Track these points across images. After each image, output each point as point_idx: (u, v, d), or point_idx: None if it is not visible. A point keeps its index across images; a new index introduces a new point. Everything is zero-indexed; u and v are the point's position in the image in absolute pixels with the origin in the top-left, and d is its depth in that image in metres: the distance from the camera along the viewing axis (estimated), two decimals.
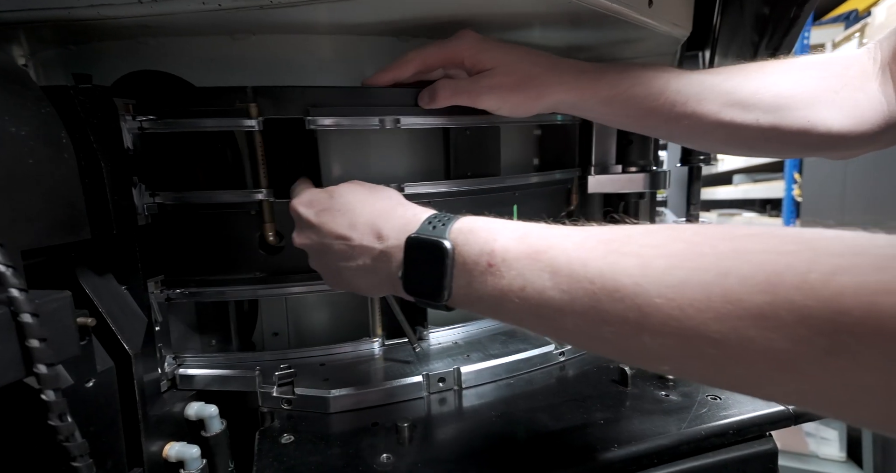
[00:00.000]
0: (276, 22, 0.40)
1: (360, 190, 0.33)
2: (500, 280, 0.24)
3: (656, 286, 0.19)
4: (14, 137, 0.25)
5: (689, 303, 0.18)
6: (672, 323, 0.19)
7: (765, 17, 0.52)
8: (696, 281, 0.19)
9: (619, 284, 0.20)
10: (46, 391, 0.23)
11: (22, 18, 0.36)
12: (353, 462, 0.31)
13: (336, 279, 0.33)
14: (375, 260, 0.30)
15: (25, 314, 0.22)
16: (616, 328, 0.21)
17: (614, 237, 0.22)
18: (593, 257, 0.22)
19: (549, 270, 0.23)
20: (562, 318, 0.22)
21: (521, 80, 0.38)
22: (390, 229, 0.29)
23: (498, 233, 0.26)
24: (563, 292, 0.22)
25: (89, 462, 0.26)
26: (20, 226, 0.25)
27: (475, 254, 0.25)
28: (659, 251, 0.20)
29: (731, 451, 0.32)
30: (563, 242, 0.23)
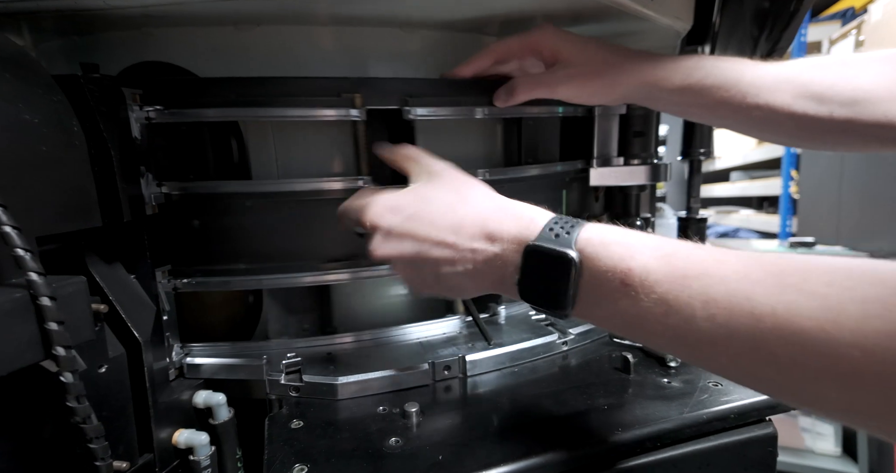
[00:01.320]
0: (280, 13, 0.40)
1: (452, 187, 0.31)
2: (638, 303, 0.23)
3: (851, 336, 0.17)
4: (28, 124, 0.25)
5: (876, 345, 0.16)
6: (870, 378, 0.17)
7: (764, 12, 0.52)
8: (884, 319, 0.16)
9: (796, 327, 0.18)
10: (64, 374, 0.24)
11: (30, 8, 0.36)
12: (362, 446, 0.31)
13: (431, 285, 0.31)
14: (486, 264, 0.28)
15: (44, 297, 0.23)
16: (787, 372, 0.19)
17: (788, 270, 0.20)
18: (762, 292, 0.19)
19: (701, 299, 0.21)
20: (713, 351, 0.21)
21: (598, 69, 0.39)
22: (505, 232, 0.27)
23: (636, 249, 0.24)
24: (717, 325, 0.20)
25: (104, 444, 0.26)
26: (35, 212, 0.25)
27: (607, 270, 0.24)
28: (853, 295, 0.18)
29: (732, 435, 0.33)
30: (719, 269, 0.21)
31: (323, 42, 0.45)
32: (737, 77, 0.37)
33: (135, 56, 0.42)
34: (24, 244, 0.23)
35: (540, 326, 0.47)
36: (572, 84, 0.39)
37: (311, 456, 0.30)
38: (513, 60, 0.42)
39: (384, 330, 0.45)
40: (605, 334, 0.47)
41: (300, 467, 0.29)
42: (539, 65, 0.42)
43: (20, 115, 0.25)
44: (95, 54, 0.45)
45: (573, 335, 0.45)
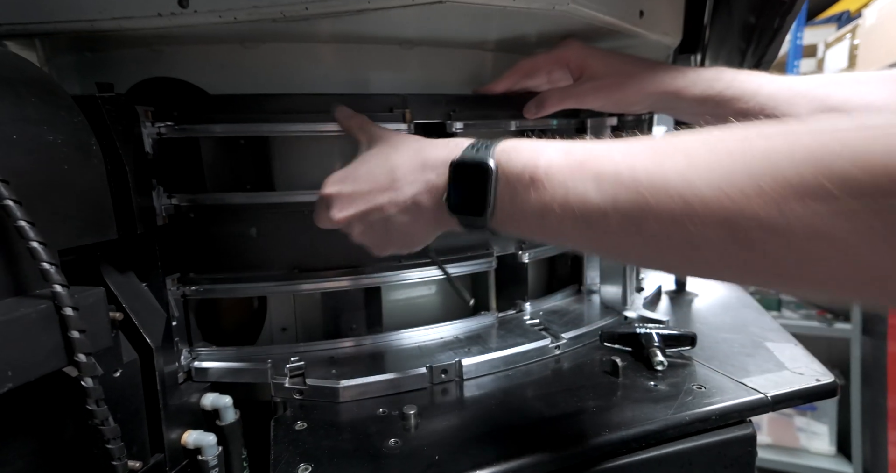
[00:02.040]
0: (285, 32, 0.42)
1: (387, 141, 0.34)
2: (544, 193, 0.25)
3: (702, 178, 0.20)
4: (51, 144, 0.27)
5: (737, 189, 0.19)
6: (718, 211, 0.19)
7: (751, 26, 0.54)
8: (742, 169, 0.19)
9: (665, 179, 0.21)
10: (85, 379, 0.26)
11: (46, 30, 0.38)
12: (363, 446, 0.33)
13: (383, 239, 0.34)
14: (421, 193, 0.30)
15: (67, 307, 0.24)
16: (660, 220, 0.21)
17: (661, 143, 0.23)
18: (640, 160, 0.22)
19: (593, 176, 0.23)
20: (604, 220, 0.23)
21: (623, 80, 0.42)
22: (434, 159, 0.30)
23: (542, 150, 0.26)
24: (606, 195, 0.23)
25: (121, 445, 0.28)
26: (57, 227, 0.27)
27: (518, 170, 0.26)
28: (707, 147, 0.21)
29: (713, 435, 0.35)
30: (609, 152, 0.24)
31: (324, 59, 0.46)
32: (755, 90, 0.39)
33: (145, 72, 0.44)
34: (49, 258, 0.24)
35: (534, 331, 0.48)
36: (599, 95, 0.43)
37: (314, 456, 0.32)
38: (541, 74, 0.46)
39: (384, 335, 0.47)
40: (596, 338, 0.48)
41: (304, 466, 0.31)
42: (566, 78, 0.46)
43: (45, 136, 0.27)
44: (107, 70, 0.46)
45: (565, 340, 0.47)
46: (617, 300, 0.55)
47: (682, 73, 0.42)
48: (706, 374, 0.41)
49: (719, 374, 0.41)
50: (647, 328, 0.45)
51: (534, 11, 0.38)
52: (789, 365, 0.41)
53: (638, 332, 0.45)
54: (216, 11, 0.36)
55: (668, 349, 0.44)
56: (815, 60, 2.10)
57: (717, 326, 0.51)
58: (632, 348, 0.46)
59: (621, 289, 0.54)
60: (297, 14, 0.36)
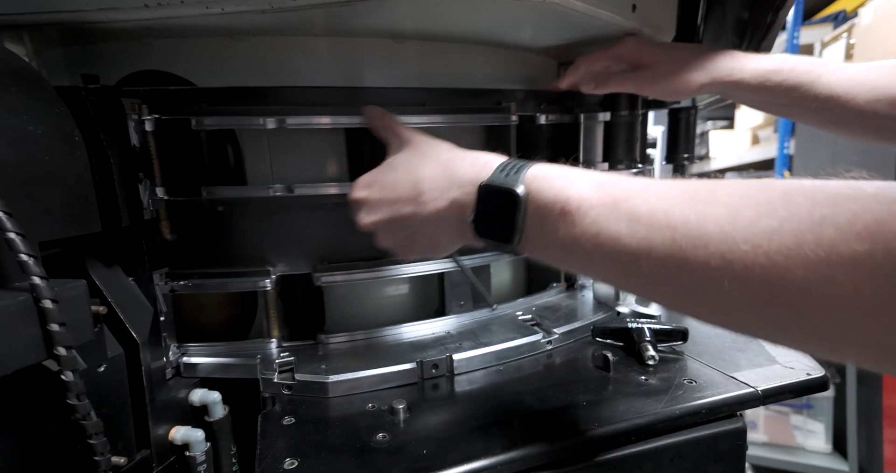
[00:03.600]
0: (276, 25, 0.41)
1: (417, 149, 0.34)
2: (574, 228, 0.24)
3: (744, 234, 0.19)
4: (32, 135, 0.27)
5: (777, 250, 0.18)
6: (756, 270, 0.19)
7: (744, 22, 0.54)
8: (787, 229, 0.18)
9: (703, 231, 0.20)
10: (66, 372, 0.25)
11: (31, 21, 0.37)
12: (351, 441, 0.32)
13: (408, 245, 0.34)
14: (447, 210, 0.30)
15: (46, 300, 0.24)
16: (695, 274, 0.21)
17: (701, 188, 0.22)
18: (677, 206, 0.22)
19: (627, 218, 0.23)
20: (636, 264, 0.22)
21: (678, 71, 0.44)
22: (462, 176, 0.30)
23: (574, 181, 0.26)
24: (640, 239, 0.22)
25: (104, 440, 0.28)
26: (38, 219, 0.27)
27: (549, 201, 0.26)
28: (749, 201, 0.20)
29: (703, 429, 0.35)
30: (644, 192, 0.23)
31: (316, 52, 0.46)
32: (813, 80, 0.41)
33: (135, 65, 0.44)
34: (28, 250, 0.24)
35: (526, 326, 0.48)
36: (655, 83, 0.45)
37: (301, 451, 0.32)
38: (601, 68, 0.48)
39: (375, 330, 0.46)
40: (588, 334, 0.48)
41: (291, 461, 0.31)
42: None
43: (25, 127, 0.27)
44: (96, 63, 0.46)
45: (557, 335, 0.46)
46: (610, 296, 0.54)
47: (739, 62, 0.42)
48: (697, 368, 0.41)
49: (710, 368, 0.41)
50: (639, 323, 0.45)
51: (524, 4, 0.38)
52: (780, 360, 0.41)
53: (630, 327, 0.45)
54: (203, 2, 0.35)
55: (660, 343, 0.44)
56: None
57: None
58: (623, 343, 0.46)
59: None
60: (286, 5, 0.35)
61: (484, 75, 0.52)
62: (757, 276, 0.19)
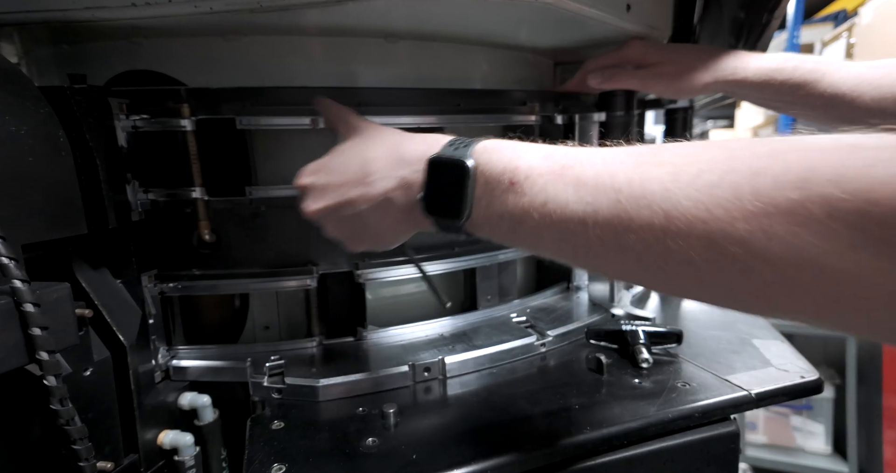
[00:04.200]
0: (267, 24, 0.41)
1: (364, 133, 0.33)
2: (522, 198, 0.24)
3: (685, 190, 0.19)
4: (14, 136, 0.26)
5: (718, 203, 0.18)
6: (698, 225, 0.19)
7: (740, 22, 0.54)
8: (726, 183, 0.18)
9: (646, 190, 0.20)
10: (48, 377, 0.25)
11: (18, 19, 0.37)
12: (339, 446, 0.32)
13: (355, 234, 0.33)
14: (394, 190, 0.29)
15: (27, 303, 0.24)
16: (641, 234, 0.20)
17: (645, 151, 0.22)
18: (622, 169, 0.21)
19: (573, 183, 0.23)
20: (584, 230, 0.22)
21: (683, 70, 0.45)
22: (411, 155, 0.29)
23: (522, 152, 0.25)
24: (587, 203, 0.22)
25: (88, 445, 0.27)
26: (21, 221, 0.26)
27: (497, 172, 0.25)
28: (691, 159, 0.20)
29: (696, 433, 0.34)
30: (591, 158, 0.23)
31: (309, 52, 0.46)
32: (817, 79, 0.41)
33: (125, 65, 0.43)
34: (9, 252, 0.24)
35: (520, 328, 0.48)
36: (660, 82, 0.46)
37: (289, 456, 0.31)
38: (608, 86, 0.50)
39: (368, 333, 0.46)
40: (582, 336, 0.48)
41: (278, 466, 0.30)
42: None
43: (7, 127, 0.26)
44: (86, 63, 0.46)
45: (551, 337, 0.46)
46: (605, 298, 0.54)
47: (743, 62, 0.43)
48: (691, 371, 0.40)
49: (704, 371, 0.40)
50: (634, 325, 0.44)
51: (516, 3, 0.37)
52: (775, 362, 0.41)
53: (624, 329, 0.44)
54: (191, 1, 0.35)
55: (654, 346, 0.44)
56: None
57: (705, 323, 0.50)
58: (618, 345, 0.45)
59: (609, 286, 0.53)
60: (275, 4, 0.35)
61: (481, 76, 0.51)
62: (699, 232, 0.19)
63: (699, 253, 0.19)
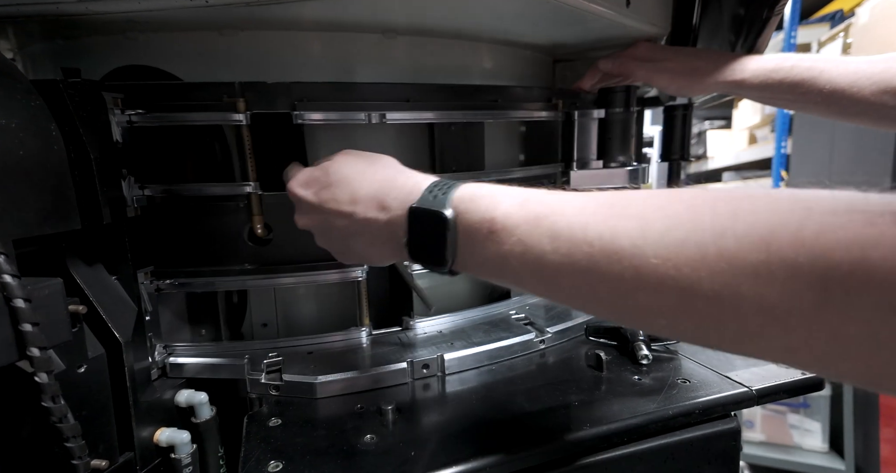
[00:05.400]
0: (263, 18, 0.41)
1: (358, 162, 0.34)
2: (501, 246, 0.25)
3: (653, 247, 0.20)
4: (4, 129, 0.26)
5: (685, 262, 0.19)
6: (668, 282, 0.20)
7: (740, 18, 0.54)
8: (692, 241, 0.19)
9: (617, 246, 0.21)
10: (39, 374, 0.24)
11: (10, 13, 0.36)
12: (337, 443, 0.32)
13: (345, 253, 0.34)
14: (381, 231, 0.31)
15: (18, 299, 0.23)
16: (612, 287, 0.21)
17: (615, 202, 0.23)
18: (594, 222, 0.22)
19: (548, 235, 0.24)
20: (559, 279, 0.23)
21: (687, 69, 0.47)
22: (393, 200, 0.30)
23: (499, 200, 0.26)
24: (562, 255, 0.23)
25: (81, 443, 0.27)
26: (11, 215, 0.26)
27: (476, 222, 0.26)
28: (658, 214, 0.21)
29: (697, 430, 0.34)
30: (563, 207, 0.24)
31: (306, 47, 0.45)
32: (815, 76, 0.42)
33: (120, 59, 0.43)
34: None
35: (519, 325, 0.48)
36: (665, 76, 0.48)
37: (286, 453, 0.31)
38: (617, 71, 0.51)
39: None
40: (581, 333, 0.48)
41: (275, 464, 0.30)
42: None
43: None
44: (81, 58, 0.45)
45: (550, 334, 0.46)
46: None
47: (744, 64, 0.45)
48: (691, 368, 0.40)
49: (705, 368, 0.40)
50: None
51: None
52: None
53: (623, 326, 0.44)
54: None
55: (654, 343, 0.43)
56: None
57: None
58: (617, 342, 0.45)
59: None
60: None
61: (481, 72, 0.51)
62: (669, 288, 0.20)
63: (670, 307, 0.20)
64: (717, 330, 0.20)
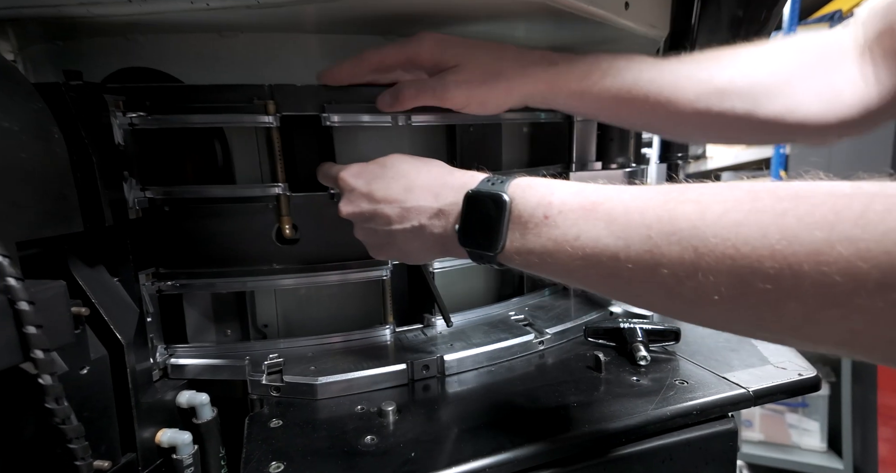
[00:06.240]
0: (263, 21, 0.41)
1: (412, 160, 0.35)
2: (555, 230, 0.26)
3: (712, 227, 0.20)
4: (7, 132, 0.26)
5: (745, 241, 0.19)
6: (726, 262, 0.20)
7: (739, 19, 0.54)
8: (752, 221, 0.19)
9: (675, 227, 0.21)
10: (43, 376, 0.25)
11: (11, 15, 0.36)
12: (337, 444, 0.32)
13: (382, 246, 0.34)
14: (431, 219, 0.31)
15: (22, 301, 0.23)
16: (671, 269, 0.21)
17: (672, 189, 0.23)
18: (651, 206, 0.23)
19: (605, 219, 0.24)
20: (616, 264, 0.23)
21: (488, 74, 0.36)
22: (448, 190, 0.31)
23: (555, 188, 0.27)
24: (618, 238, 0.23)
25: (84, 444, 0.27)
26: (14, 218, 0.26)
27: (532, 206, 0.27)
28: (717, 198, 0.21)
29: (694, 430, 0.34)
30: (620, 195, 0.25)
31: (306, 49, 0.45)
32: (636, 76, 0.36)
33: (121, 61, 0.43)
34: (2, 250, 0.23)
35: (518, 326, 0.48)
36: (460, 92, 0.36)
37: (287, 454, 0.31)
38: (394, 71, 0.39)
39: (366, 331, 0.46)
40: (580, 334, 0.48)
41: (276, 465, 0.30)
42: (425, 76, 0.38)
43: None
44: (81, 59, 0.45)
45: (549, 335, 0.46)
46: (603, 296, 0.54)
47: (554, 65, 0.36)
48: (689, 369, 0.40)
49: (702, 369, 0.40)
50: (632, 322, 0.44)
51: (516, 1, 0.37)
52: (773, 360, 0.41)
53: (622, 327, 0.44)
54: None
55: (652, 344, 0.44)
56: None
57: None
58: (616, 343, 0.45)
59: None
60: (272, 1, 0.35)
61: None
62: (727, 267, 0.20)
63: (728, 289, 0.20)
64: (775, 312, 0.19)
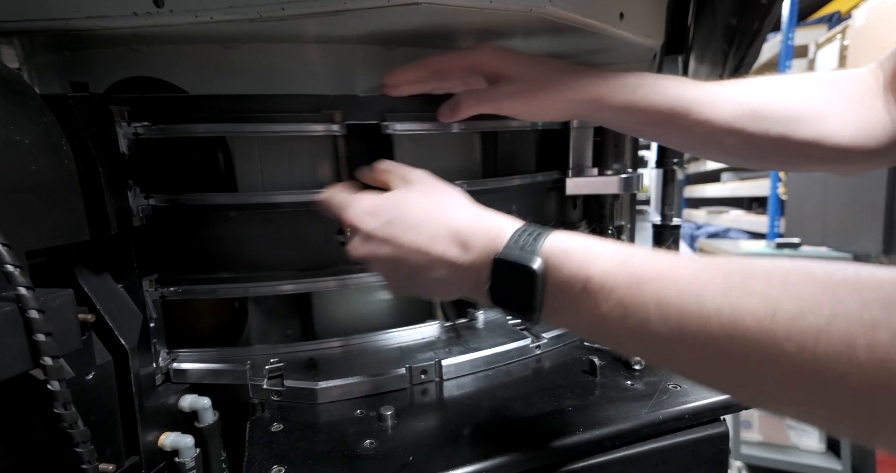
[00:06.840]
0: (266, 33, 0.42)
1: (430, 195, 0.32)
2: (598, 308, 0.23)
3: (786, 331, 0.18)
4: (18, 145, 0.27)
5: (826, 353, 0.17)
6: (806, 367, 0.18)
7: (733, 28, 0.55)
8: (836, 330, 0.17)
9: (739, 324, 0.19)
10: (52, 382, 0.25)
11: (19, 28, 0.37)
12: (338, 447, 0.33)
13: (406, 286, 0.32)
14: (459, 272, 0.29)
15: (32, 310, 0.24)
16: (736, 368, 0.20)
17: (732, 271, 0.21)
18: (710, 294, 0.20)
19: (655, 303, 0.22)
20: (670, 351, 0.22)
21: (543, 86, 0.39)
22: (476, 243, 0.28)
23: (595, 256, 0.24)
24: (671, 327, 0.21)
25: (91, 448, 0.28)
26: (25, 228, 0.27)
27: (569, 277, 0.25)
28: (787, 293, 0.19)
29: (687, 434, 0.35)
30: (671, 272, 0.22)
31: (308, 59, 0.46)
32: (679, 93, 0.38)
33: (125, 71, 0.44)
34: (14, 260, 0.24)
35: (515, 330, 0.49)
36: (517, 100, 0.39)
37: (288, 458, 0.32)
38: (453, 78, 0.42)
39: (365, 336, 0.47)
40: (577, 338, 0.49)
41: (278, 468, 0.31)
42: (482, 84, 0.41)
43: (11, 136, 0.27)
44: (87, 69, 0.46)
45: (546, 340, 0.47)
46: None
47: (605, 79, 0.39)
48: None
49: None
50: None
51: (511, 13, 0.38)
52: None
53: None
54: (192, 11, 0.35)
55: None
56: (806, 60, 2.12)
57: None
58: None
59: None
60: (274, 15, 0.35)
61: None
62: (806, 375, 0.18)
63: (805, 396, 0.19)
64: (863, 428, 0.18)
